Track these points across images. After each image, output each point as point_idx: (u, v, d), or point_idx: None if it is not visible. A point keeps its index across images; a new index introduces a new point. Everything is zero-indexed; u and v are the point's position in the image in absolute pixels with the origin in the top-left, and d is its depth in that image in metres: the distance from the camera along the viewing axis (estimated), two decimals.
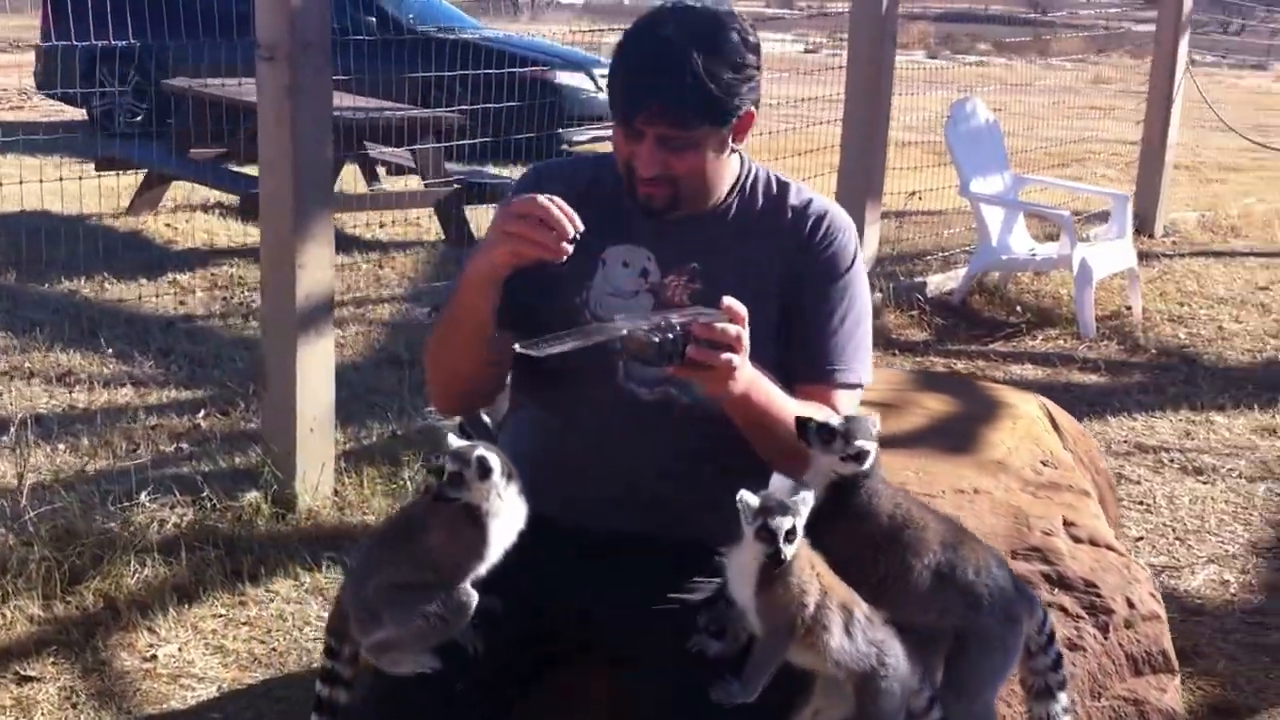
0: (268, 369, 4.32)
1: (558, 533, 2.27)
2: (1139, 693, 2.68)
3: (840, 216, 2.43)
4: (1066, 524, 2.94)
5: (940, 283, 7.19)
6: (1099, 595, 2.75)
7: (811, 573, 2.03)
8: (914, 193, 8.11)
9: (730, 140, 2.34)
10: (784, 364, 2.31)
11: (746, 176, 2.44)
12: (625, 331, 2.03)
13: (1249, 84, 20.69)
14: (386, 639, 2.14)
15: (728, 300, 2.08)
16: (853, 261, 2.41)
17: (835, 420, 2.14)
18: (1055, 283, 7.31)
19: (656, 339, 2.01)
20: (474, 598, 2.12)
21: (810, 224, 2.40)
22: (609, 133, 2.43)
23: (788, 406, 2.22)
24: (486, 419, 2.62)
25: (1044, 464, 3.25)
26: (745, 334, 2.07)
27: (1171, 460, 5.09)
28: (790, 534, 1.98)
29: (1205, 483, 4.90)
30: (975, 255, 7.11)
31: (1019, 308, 7.01)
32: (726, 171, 2.40)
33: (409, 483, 4.47)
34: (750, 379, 2.14)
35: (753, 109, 2.34)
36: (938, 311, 6.80)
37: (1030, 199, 7.65)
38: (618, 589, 2.29)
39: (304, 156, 4.10)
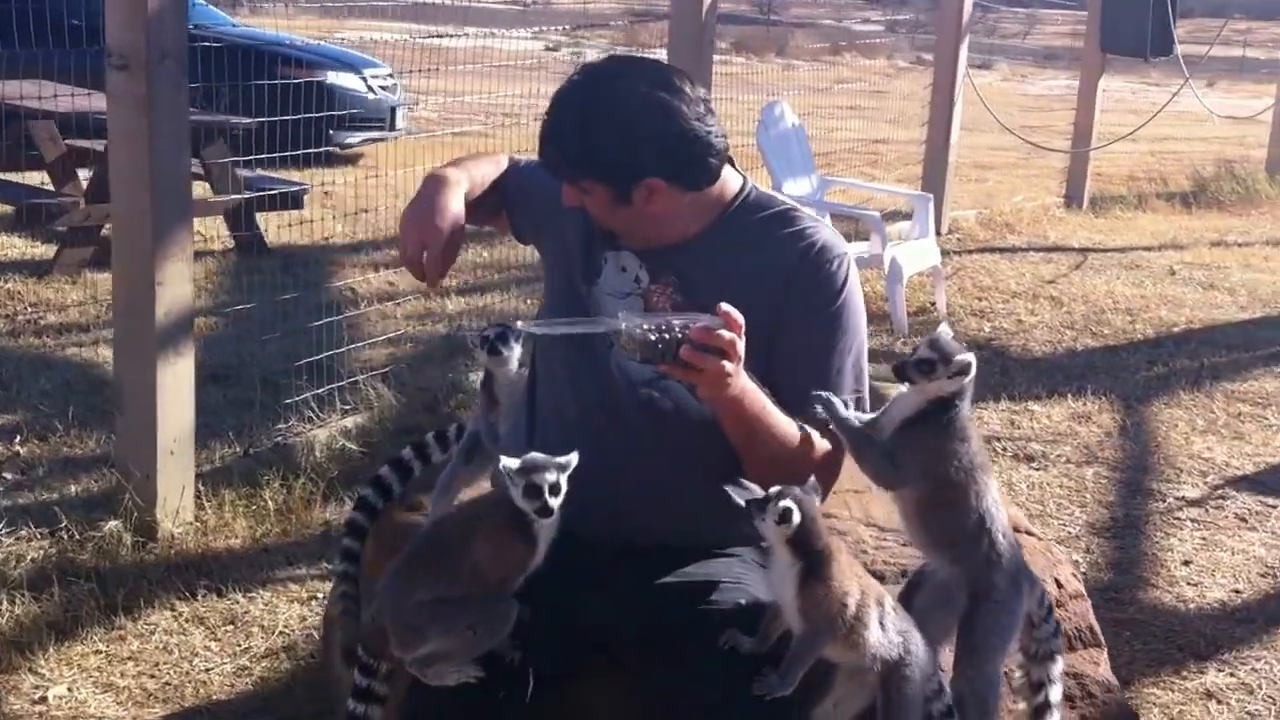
0: (123, 391, 4.09)
1: (574, 537, 2.24)
2: (1077, 667, 2.81)
3: (833, 246, 2.40)
4: None
5: None
6: None
7: (850, 573, 2.08)
8: None
9: (635, 203, 2.28)
10: (769, 387, 2.29)
11: (746, 197, 2.43)
12: (624, 325, 2.09)
13: (979, 82, 21.73)
14: (432, 653, 2.14)
15: (725, 307, 2.09)
16: (842, 291, 2.38)
17: (923, 350, 2.22)
18: (861, 280, 7.53)
19: (653, 337, 2.07)
20: (516, 607, 2.14)
21: (799, 251, 2.37)
22: (380, 135, 2.50)
23: (780, 422, 2.26)
24: (500, 429, 2.61)
25: None
26: (740, 343, 2.10)
27: (1004, 449, 5.34)
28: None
29: (1038, 469, 5.17)
30: None
31: None
32: (667, 219, 2.34)
33: (270, 502, 4.31)
34: (744, 388, 2.17)
35: (659, 180, 2.27)
36: None
37: (832, 199, 7.88)
38: (644, 591, 2.30)
39: (162, 171, 3.91)
